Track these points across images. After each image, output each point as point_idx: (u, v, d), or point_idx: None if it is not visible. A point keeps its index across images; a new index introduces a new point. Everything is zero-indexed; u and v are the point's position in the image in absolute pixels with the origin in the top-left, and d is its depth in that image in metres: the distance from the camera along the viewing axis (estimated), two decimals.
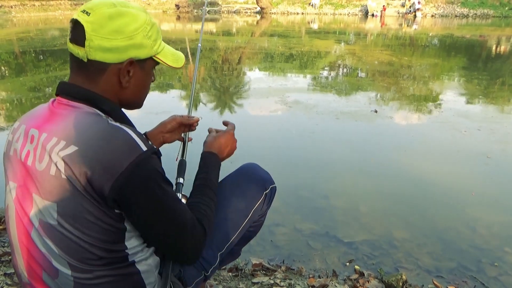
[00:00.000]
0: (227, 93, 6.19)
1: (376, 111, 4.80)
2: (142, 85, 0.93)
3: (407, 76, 7.38)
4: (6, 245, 1.97)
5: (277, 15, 25.36)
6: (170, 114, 1.27)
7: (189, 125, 1.24)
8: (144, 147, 0.78)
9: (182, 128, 1.24)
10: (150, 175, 0.78)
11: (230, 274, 1.84)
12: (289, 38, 13.66)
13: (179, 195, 1.08)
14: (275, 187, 1.22)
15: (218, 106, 5.45)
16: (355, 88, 6.52)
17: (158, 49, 0.91)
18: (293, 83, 6.62)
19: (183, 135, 1.27)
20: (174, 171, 1.14)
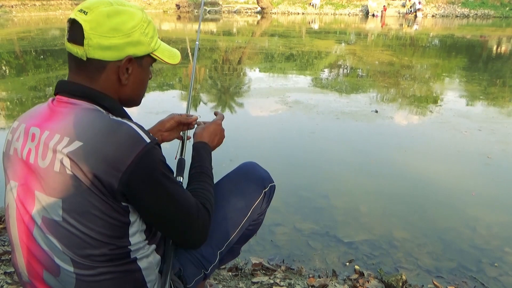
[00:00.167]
0: (227, 93, 6.19)
1: (376, 111, 4.79)
2: (140, 82, 0.94)
3: (407, 76, 7.37)
4: (6, 244, 1.97)
5: (278, 15, 25.36)
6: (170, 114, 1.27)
7: (187, 124, 1.25)
8: (147, 139, 0.80)
9: (180, 126, 1.25)
10: (155, 165, 0.81)
11: (230, 273, 1.84)
12: (290, 38, 13.65)
13: None
14: (274, 186, 1.23)
15: (218, 105, 5.45)
16: (356, 88, 6.51)
17: (155, 46, 0.92)
18: (294, 83, 6.62)
19: (182, 133, 1.27)
20: (173, 170, 1.14)
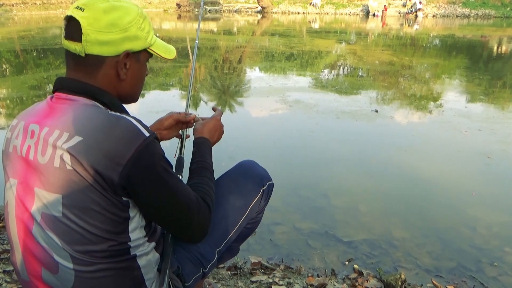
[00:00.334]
0: (227, 92, 6.19)
1: (376, 111, 4.79)
2: (138, 77, 0.95)
3: (408, 76, 7.36)
4: (5, 242, 1.97)
5: (278, 15, 25.33)
6: None
7: (186, 122, 1.25)
8: (146, 133, 0.81)
9: (179, 125, 1.25)
10: (155, 159, 0.81)
11: (228, 272, 1.84)
12: (290, 37, 13.64)
13: None
14: (273, 184, 1.23)
15: (218, 105, 5.45)
16: (356, 87, 6.50)
17: (151, 41, 0.94)
18: (294, 82, 6.61)
19: (180, 132, 1.27)
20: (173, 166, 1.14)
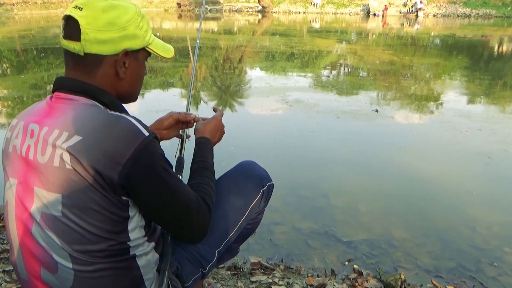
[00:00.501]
0: (228, 92, 6.19)
1: (377, 111, 4.79)
2: (137, 76, 0.95)
3: (408, 75, 7.36)
4: (5, 242, 1.97)
5: (279, 14, 25.32)
6: None
7: (186, 122, 1.25)
8: (146, 132, 0.81)
9: (179, 125, 1.25)
10: (154, 158, 0.82)
11: (228, 272, 1.84)
12: (291, 37, 13.64)
13: None
14: (272, 184, 1.22)
15: (219, 104, 5.45)
16: (356, 87, 6.50)
17: (149, 40, 0.94)
18: (294, 82, 6.61)
19: (181, 132, 1.27)
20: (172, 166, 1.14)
